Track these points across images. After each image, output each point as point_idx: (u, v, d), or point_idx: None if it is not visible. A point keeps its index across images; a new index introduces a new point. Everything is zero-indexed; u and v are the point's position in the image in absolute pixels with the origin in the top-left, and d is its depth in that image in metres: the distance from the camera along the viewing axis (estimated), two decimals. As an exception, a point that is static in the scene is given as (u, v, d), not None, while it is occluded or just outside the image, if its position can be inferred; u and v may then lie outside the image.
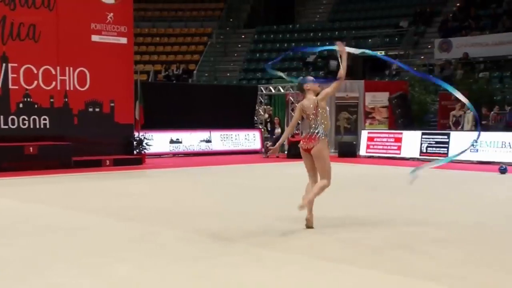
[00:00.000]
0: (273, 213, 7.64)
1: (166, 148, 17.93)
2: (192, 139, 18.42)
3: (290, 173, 13.09)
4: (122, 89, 15.19)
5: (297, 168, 14.25)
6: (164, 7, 33.21)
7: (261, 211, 7.86)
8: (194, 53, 31.09)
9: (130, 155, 15.13)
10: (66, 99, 14.51)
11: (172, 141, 18.07)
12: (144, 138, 15.64)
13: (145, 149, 15.52)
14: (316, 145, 6.34)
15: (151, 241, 5.87)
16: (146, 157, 15.54)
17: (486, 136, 15.75)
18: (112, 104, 15.20)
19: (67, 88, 14.48)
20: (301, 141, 6.52)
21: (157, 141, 17.30)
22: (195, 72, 29.27)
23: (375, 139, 18.09)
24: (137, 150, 15.38)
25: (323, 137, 6.37)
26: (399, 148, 17.34)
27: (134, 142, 15.39)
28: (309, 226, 6.42)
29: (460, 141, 16.06)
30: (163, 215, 7.43)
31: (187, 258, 5.18)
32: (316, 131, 6.39)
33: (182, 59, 30.50)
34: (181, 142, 18.20)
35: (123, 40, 15.33)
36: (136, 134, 15.58)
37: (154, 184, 11.10)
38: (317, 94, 6.60)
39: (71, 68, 14.50)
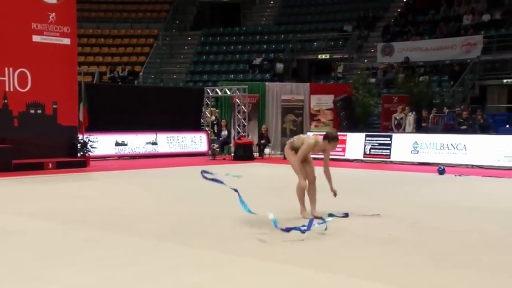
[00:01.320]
0: (219, 214, 7.63)
1: (112, 150, 17.72)
2: (138, 142, 18.27)
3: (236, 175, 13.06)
4: (65, 90, 14.91)
5: (243, 169, 14.45)
6: (109, 8, 32.70)
7: (208, 212, 7.84)
8: (139, 55, 30.74)
9: (74, 158, 14.86)
10: (6, 101, 14.11)
11: (117, 144, 17.87)
12: (89, 140, 15.39)
13: (90, 151, 15.28)
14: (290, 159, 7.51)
15: (95, 245, 5.78)
16: (91, 159, 15.32)
17: (426, 138, 16.15)
18: (55, 106, 14.89)
19: (7, 89, 14.10)
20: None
21: (102, 144, 17.08)
22: (141, 73, 28.98)
23: None
24: (81, 153, 15.12)
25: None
26: (343, 150, 17.49)
27: (78, 145, 15.12)
28: (305, 217, 7.08)
29: (401, 142, 16.41)
30: (107, 218, 7.32)
31: (132, 261, 5.11)
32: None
33: (128, 61, 30.10)
34: (126, 145, 18.02)
35: (66, 41, 15.03)
36: (80, 136, 15.33)
37: (99, 187, 10.93)
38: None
39: (11, 69, 14.12)
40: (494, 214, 7.91)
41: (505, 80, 22.43)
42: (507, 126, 18.07)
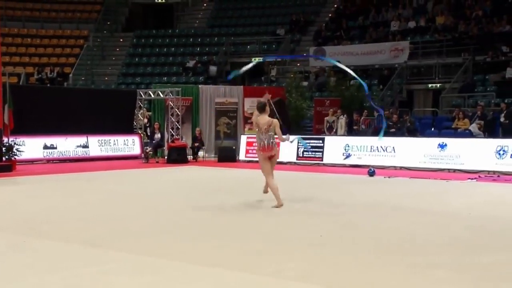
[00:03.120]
0: (149, 219, 7.52)
1: (40, 154, 17.22)
2: (67, 145, 17.89)
3: (170, 179, 12.98)
4: (-12, 92, 14.39)
5: (177, 173, 14.42)
6: (35, 7, 31.61)
7: (137, 217, 7.71)
8: (69, 56, 30.00)
9: (-2, 162, 14.36)
10: None
11: (46, 147, 17.39)
12: (14, 143, 14.88)
13: (16, 155, 14.78)
14: (277, 152, 8.74)
15: (19, 251, 5.59)
16: (17, 163, 14.83)
17: (357, 140, 16.48)
18: (-23, 108, 14.33)
19: None
20: (262, 151, 8.55)
21: (30, 147, 16.65)
22: (71, 75, 28.31)
23: (254, 144, 17.86)
24: (6, 157, 14.59)
25: (275, 145, 8.60)
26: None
27: (3, 148, 14.60)
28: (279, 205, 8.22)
29: (334, 145, 16.70)
30: (32, 224, 7.11)
31: (57, 268, 4.98)
32: (271, 141, 8.54)
33: (57, 62, 29.31)
34: (55, 148, 17.59)
35: (-11, 40, 14.47)
36: (5, 139, 14.80)
37: (24, 192, 10.62)
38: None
39: None
40: (421, 214, 8.12)
41: (430, 85, 23.11)
42: (432, 129, 18.68)
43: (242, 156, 18.36)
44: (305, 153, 17.07)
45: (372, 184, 12.19)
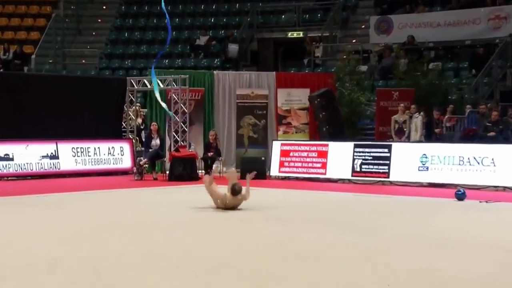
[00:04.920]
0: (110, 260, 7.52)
1: (-13, 167, 17.53)
2: (29, 155, 18.04)
3: (173, 207, 12.74)
4: None
5: (183, 197, 14.27)
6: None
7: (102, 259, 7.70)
8: (31, 30, 30.34)
9: None
10: None
11: (-2, 158, 17.65)
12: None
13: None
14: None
15: None
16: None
17: (439, 149, 16.31)
18: None
19: None
20: None
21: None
22: (33, 57, 28.59)
23: (291, 154, 18.30)
24: None
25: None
26: (323, 165, 17.60)
27: None
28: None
29: (405, 155, 16.54)
30: None
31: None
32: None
33: (13, 38, 29.72)
34: (12, 159, 17.76)
35: None
36: None
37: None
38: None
39: None
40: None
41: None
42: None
43: (274, 170, 18.45)
44: (364, 166, 16.99)
45: (462, 212, 12.03)
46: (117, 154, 19.67)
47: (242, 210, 11.62)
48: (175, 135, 19.13)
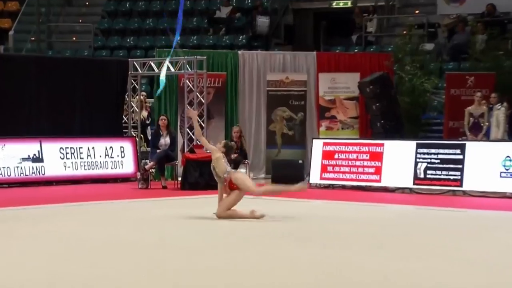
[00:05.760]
0: None
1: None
2: (6, 157, 18.01)
3: (185, 216, 12.96)
4: None
5: (198, 208, 14.56)
6: None
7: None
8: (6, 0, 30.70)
9: None
10: None
11: (-32, 161, 17.84)
12: None
13: None
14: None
15: None
16: None
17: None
18: None
19: None
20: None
21: None
22: (11, 33, 28.85)
23: (336, 156, 18.09)
24: None
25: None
26: (377, 171, 17.47)
27: None
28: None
29: (483, 157, 16.46)
30: None
31: None
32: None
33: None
34: (-15, 162, 18.45)
35: None
36: None
37: None
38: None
39: None
40: None
41: None
42: None
43: (314, 177, 18.32)
44: (429, 171, 16.94)
45: None
46: (116, 156, 19.68)
47: (282, 227, 11.78)
48: (189, 132, 19.04)
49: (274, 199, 15.23)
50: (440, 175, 16.73)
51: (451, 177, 16.56)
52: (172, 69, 19.10)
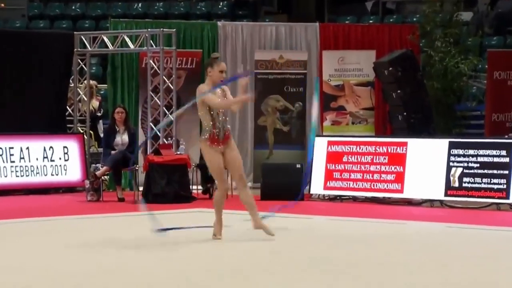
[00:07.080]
0: None
1: None
2: None
3: (149, 243, 12.82)
4: None
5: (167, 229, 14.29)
6: None
7: None
8: None
9: None
10: None
11: None
12: None
13: None
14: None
15: None
16: None
17: None
18: None
19: None
20: (214, 144, 12.21)
21: None
22: None
23: (345, 158, 18.31)
24: None
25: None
26: (399, 178, 17.65)
27: None
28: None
29: None
30: None
31: None
32: (227, 126, 12.40)
33: None
34: None
35: None
36: None
37: None
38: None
39: None
40: None
41: None
42: None
43: (317, 186, 18.64)
44: (466, 179, 17.05)
45: None
46: (58, 158, 19.88)
47: (284, 250, 11.87)
48: (153, 127, 19.22)
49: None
50: (480, 183, 16.83)
51: (495, 186, 16.65)
52: (132, 46, 19.23)
